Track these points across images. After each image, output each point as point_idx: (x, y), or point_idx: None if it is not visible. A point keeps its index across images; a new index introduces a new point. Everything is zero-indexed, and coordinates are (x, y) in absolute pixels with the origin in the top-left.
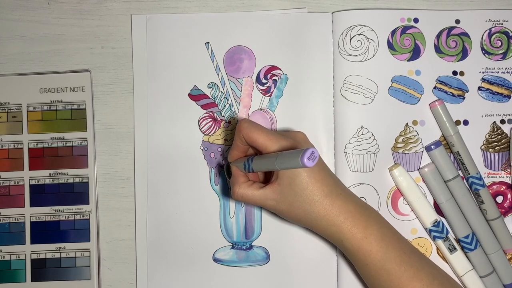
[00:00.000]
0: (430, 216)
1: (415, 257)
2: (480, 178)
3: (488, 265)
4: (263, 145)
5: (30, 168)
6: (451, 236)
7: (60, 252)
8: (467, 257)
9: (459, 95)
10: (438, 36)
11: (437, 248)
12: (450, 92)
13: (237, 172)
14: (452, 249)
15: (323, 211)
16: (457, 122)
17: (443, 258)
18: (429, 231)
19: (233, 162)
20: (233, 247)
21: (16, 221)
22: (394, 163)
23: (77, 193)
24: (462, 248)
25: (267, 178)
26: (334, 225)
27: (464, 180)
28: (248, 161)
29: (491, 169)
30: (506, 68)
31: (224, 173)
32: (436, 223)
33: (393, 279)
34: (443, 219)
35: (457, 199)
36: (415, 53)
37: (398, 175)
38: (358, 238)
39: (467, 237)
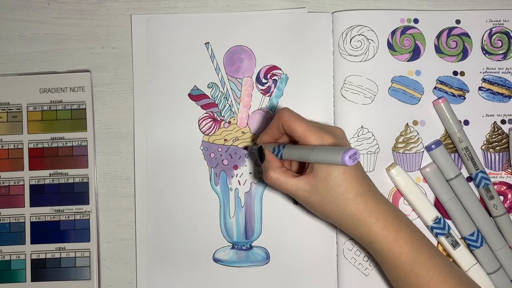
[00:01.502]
0: (431, 213)
1: (444, 262)
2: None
3: (495, 261)
4: (302, 135)
5: (30, 168)
6: (453, 232)
7: (60, 252)
8: (473, 254)
9: (459, 95)
10: (438, 36)
11: (438, 247)
12: (451, 92)
13: (271, 156)
14: (455, 245)
15: (355, 210)
16: None
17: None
18: (431, 228)
19: (263, 145)
20: (233, 247)
21: (16, 221)
22: (391, 163)
23: (77, 193)
24: (468, 246)
25: (300, 168)
26: (365, 225)
27: (472, 176)
28: (279, 147)
29: (491, 169)
30: (506, 68)
31: (252, 156)
32: (437, 220)
33: (422, 283)
34: (448, 221)
35: (460, 197)
36: (415, 54)
37: (395, 174)
38: (389, 241)
39: (472, 234)
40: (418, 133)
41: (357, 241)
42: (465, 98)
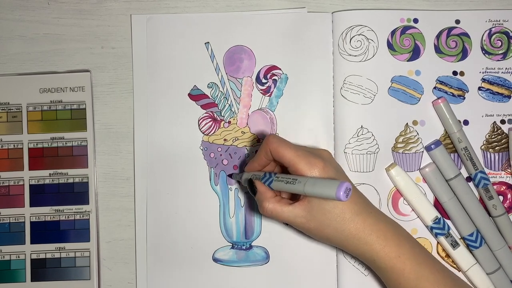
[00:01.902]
0: (431, 214)
1: (448, 275)
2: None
3: (494, 261)
4: (291, 162)
5: (30, 168)
6: (452, 232)
7: (60, 252)
8: (473, 255)
9: (459, 95)
10: (438, 36)
11: (437, 247)
12: (450, 92)
13: (263, 187)
14: (454, 245)
15: (354, 230)
16: None
17: (444, 258)
18: (431, 229)
19: (251, 174)
20: (233, 247)
21: (16, 221)
22: (390, 163)
23: (77, 193)
24: (468, 246)
25: (293, 193)
26: (366, 244)
27: (472, 176)
28: (270, 174)
29: (491, 169)
30: (506, 68)
31: (234, 183)
32: (437, 220)
33: None
34: (448, 221)
35: (460, 198)
36: (415, 53)
37: (395, 174)
38: (391, 257)
39: (471, 235)
40: (417, 133)
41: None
42: (464, 98)
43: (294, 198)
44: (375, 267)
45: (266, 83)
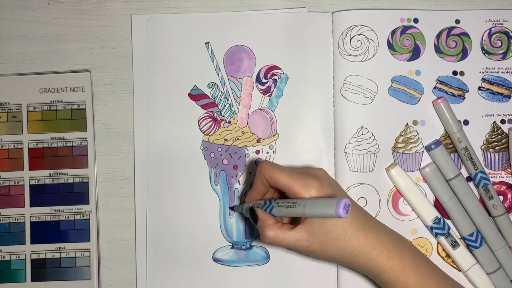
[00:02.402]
0: (431, 214)
1: (450, 284)
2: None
3: (494, 261)
4: (287, 186)
5: (30, 168)
6: (453, 232)
7: (60, 252)
8: (473, 254)
9: (459, 95)
10: (438, 36)
11: (437, 247)
12: (450, 92)
13: (264, 215)
14: (454, 245)
15: (357, 246)
16: None
17: (444, 258)
18: (431, 229)
19: (252, 204)
20: (233, 247)
21: (16, 221)
22: (390, 163)
23: (77, 193)
24: (468, 246)
25: (293, 218)
26: (371, 259)
27: (472, 176)
28: (270, 202)
29: (491, 169)
30: (506, 68)
31: (238, 213)
32: (437, 220)
33: None
34: (448, 221)
35: (460, 198)
36: (415, 53)
37: (395, 174)
38: (396, 270)
39: (471, 235)
40: (418, 133)
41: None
42: (464, 98)
43: (295, 222)
44: (380, 281)
45: (266, 83)
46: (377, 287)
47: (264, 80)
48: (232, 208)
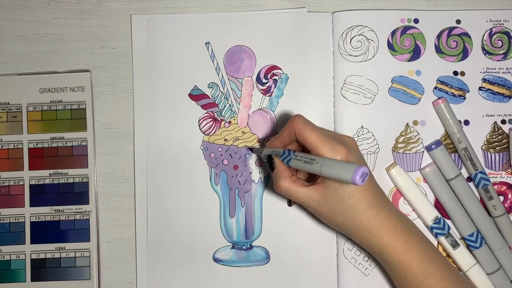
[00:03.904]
0: (431, 214)
1: (454, 274)
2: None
3: (494, 262)
4: (315, 146)
5: (30, 168)
6: (453, 232)
7: (60, 252)
8: (473, 255)
9: (459, 95)
10: (439, 36)
11: (437, 247)
12: (451, 92)
13: (282, 165)
14: (455, 245)
15: (365, 221)
16: None
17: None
18: (431, 229)
19: (271, 150)
20: (233, 247)
21: (16, 221)
22: (391, 163)
23: (77, 193)
24: (468, 246)
25: (310, 175)
26: (376, 236)
27: (472, 177)
28: (289, 152)
29: (491, 169)
30: (507, 68)
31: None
32: (437, 220)
33: None
34: (448, 221)
35: (460, 198)
36: (416, 54)
37: (395, 174)
38: (399, 252)
39: (471, 235)
40: (418, 133)
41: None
42: (465, 98)
43: (311, 181)
44: (382, 260)
45: (266, 83)
46: (378, 287)
47: (264, 80)
48: (251, 150)
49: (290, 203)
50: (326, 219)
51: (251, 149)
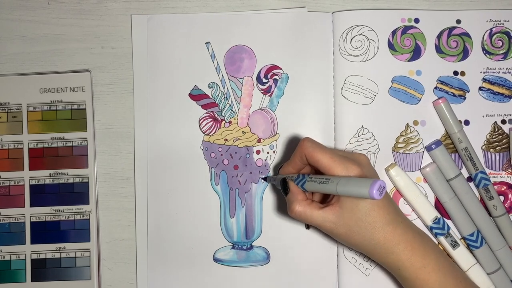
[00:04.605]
0: (430, 214)
1: (471, 286)
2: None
3: (494, 261)
4: (327, 167)
5: (30, 168)
6: (452, 232)
7: (60, 252)
8: (473, 255)
9: (460, 95)
10: (439, 36)
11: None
12: (451, 92)
13: (296, 189)
14: (454, 245)
15: (383, 239)
16: None
17: None
18: (430, 229)
19: (285, 176)
20: (233, 247)
21: (16, 221)
22: (390, 163)
23: (77, 193)
24: (468, 246)
25: (324, 197)
26: (394, 253)
27: (472, 177)
28: (301, 178)
29: (492, 169)
30: (507, 68)
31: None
32: (436, 220)
33: None
34: (448, 221)
35: (460, 197)
36: (416, 53)
37: (395, 175)
38: (417, 268)
39: (472, 234)
40: (418, 133)
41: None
42: (465, 98)
43: (325, 202)
44: (399, 276)
45: (266, 82)
46: (379, 287)
47: (264, 80)
48: (265, 179)
49: (307, 226)
50: (344, 239)
51: (265, 179)
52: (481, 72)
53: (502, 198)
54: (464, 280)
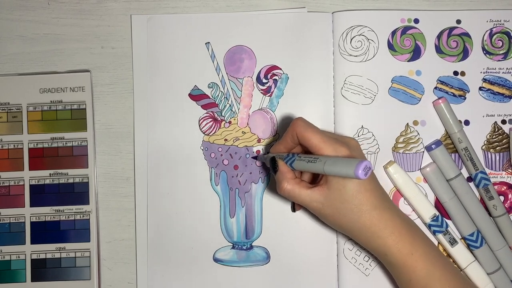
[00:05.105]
0: (429, 211)
1: (458, 276)
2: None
3: (494, 261)
4: (317, 147)
5: (30, 168)
6: (451, 229)
7: (60, 252)
8: (473, 254)
9: (460, 95)
10: (439, 36)
11: (437, 247)
12: (451, 93)
13: (285, 167)
14: (452, 242)
15: (369, 222)
16: None
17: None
18: (429, 226)
19: (275, 155)
20: (233, 247)
21: (16, 221)
22: (388, 161)
23: (77, 193)
24: (468, 246)
25: (313, 178)
26: (380, 237)
27: (472, 177)
28: (290, 156)
29: (492, 169)
30: (507, 68)
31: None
32: (435, 218)
33: None
34: (448, 221)
35: (460, 197)
36: (416, 54)
37: (393, 172)
38: (404, 254)
39: (472, 234)
40: (418, 133)
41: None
42: (465, 98)
43: (314, 183)
44: (386, 262)
45: (266, 83)
46: (379, 287)
47: (264, 80)
48: (255, 158)
49: (293, 208)
50: (330, 221)
51: (256, 157)
52: (481, 72)
53: (502, 198)
54: (451, 269)
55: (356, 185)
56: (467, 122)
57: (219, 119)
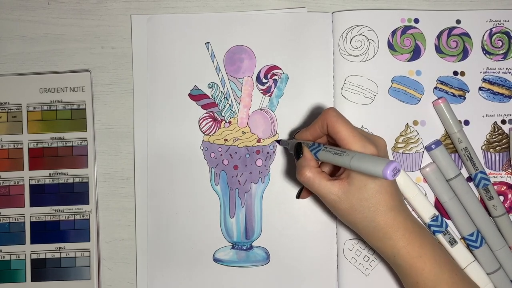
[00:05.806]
0: (429, 211)
1: (466, 279)
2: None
3: (494, 261)
4: (345, 140)
5: (30, 168)
6: (450, 229)
7: (60, 252)
8: (473, 254)
9: (459, 95)
10: (439, 36)
11: None
12: (451, 92)
13: (309, 155)
14: (452, 242)
15: (383, 223)
16: None
17: None
18: (429, 226)
19: (300, 141)
20: (233, 247)
21: (16, 221)
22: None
23: (77, 193)
24: (468, 246)
25: (333, 171)
26: (391, 239)
27: (472, 177)
28: (316, 146)
29: (491, 169)
30: (507, 68)
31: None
32: (435, 218)
33: None
34: (448, 221)
35: (460, 197)
36: (416, 54)
37: None
38: (412, 256)
39: (472, 234)
40: (418, 133)
41: (366, 244)
42: (465, 98)
43: (333, 175)
44: (394, 264)
45: (266, 83)
46: (379, 287)
47: (264, 80)
48: (278, 142)
49: (299, 195)
50: (342, 215)
51: (278, 141)
52: (481, 72)
53: (502, 198)
54: (459, 273)
55: (377, 185)
56: (467, 122)
57: (219, 119)
